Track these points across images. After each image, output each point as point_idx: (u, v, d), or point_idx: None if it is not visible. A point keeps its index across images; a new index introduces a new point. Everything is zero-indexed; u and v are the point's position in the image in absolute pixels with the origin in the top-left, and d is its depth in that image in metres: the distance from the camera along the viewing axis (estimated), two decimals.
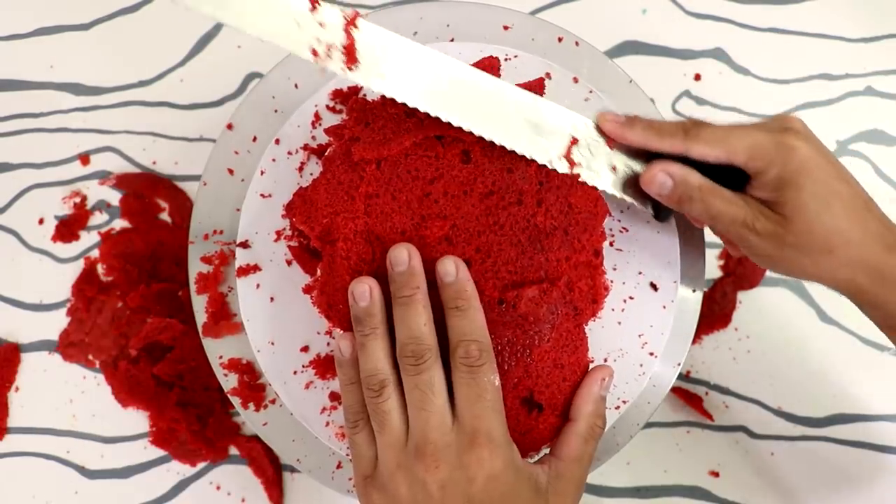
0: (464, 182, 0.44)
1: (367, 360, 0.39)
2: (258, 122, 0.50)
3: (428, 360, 0.38)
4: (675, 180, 0.42)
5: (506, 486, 0.37)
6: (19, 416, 0.57)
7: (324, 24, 0.39)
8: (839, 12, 0.63)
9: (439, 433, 0.36)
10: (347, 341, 0.41)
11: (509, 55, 0.51)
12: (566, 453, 0.40)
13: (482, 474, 0.36)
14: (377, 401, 0.38)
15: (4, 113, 0.61)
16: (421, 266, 0.40)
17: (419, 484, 0.36)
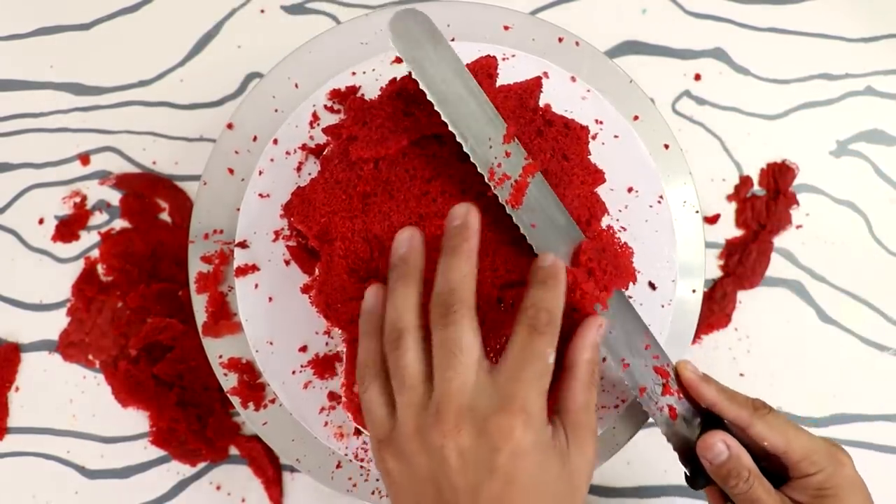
0: (461, 181, 0.44)
1: (393, 307, 0.36)
2: (258, 121, 0.50)
3: (457, 313, 0.34)
4: (731, 454, 0.42)
5: (534, 465, 0.33)
6: (19, 416, 0.57)
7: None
8: (839, 12, 0.63)
9: (464, 395, 0.33)
10: (376, 289, 0.38)
11: (507, 55, 0.51)
12: (572, 404, 0.37)
13: (508, 446, 0.33)
14: (396, 353, 0.35)
15: (4, 113, 0.61)
16: (478, 226, 0.37)
17: (437, 450, 0.33)
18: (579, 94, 0.51)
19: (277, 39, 0.61)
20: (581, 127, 0.47)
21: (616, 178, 0.49)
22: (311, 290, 0.45)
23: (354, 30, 0.51)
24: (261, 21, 0.62)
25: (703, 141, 0.61)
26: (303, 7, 0.62)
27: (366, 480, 0.48)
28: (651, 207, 0.50)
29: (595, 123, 0.50)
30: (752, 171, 0.61)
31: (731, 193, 0.61)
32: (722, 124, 0.61)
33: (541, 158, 0.45)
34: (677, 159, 0.51)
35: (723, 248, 0.60)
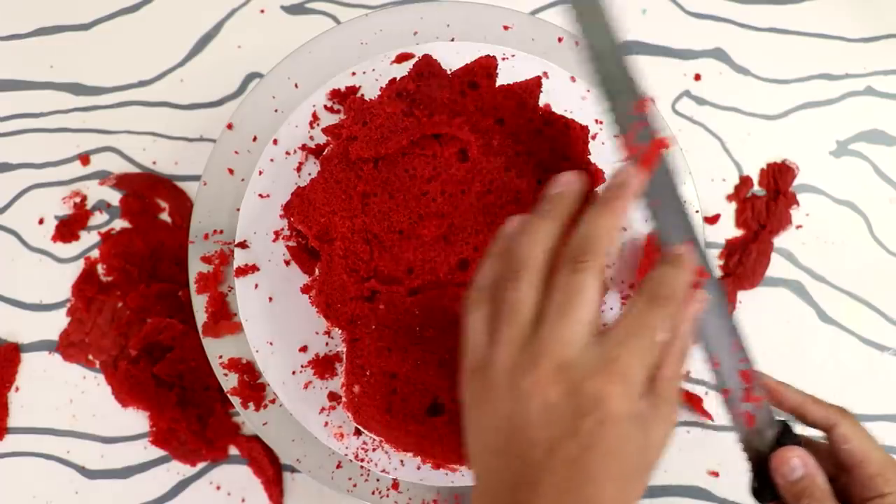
0: (461, 181, 0.44)
1: (526, 237, 0.34)
2: (258, 121, 0.50)
3: (590, 262, 0.33)
4: (806, 472, 0.39)
5: (617, 435, 0.31)
6: (19, 416, 0.57)
7: None
8: (839, 12, 0.63)
9: (568, 349, 0.32)
10: (522, 219, 0.36)
11: (507, 55, 0.51)
12: (663, 373, 0.34)
13: (598, 413, 0.31)
14: (514, 284, 0.33)
15: (4, 113, 0.61)
16: (636, 189, 0.36)
17: (524, 396, 0.32)
18: (579, 94, 0.51)
19: (277, 39, 0.61)
20: (581, 127, 0.47)
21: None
22: (311, 289, 0.45)
23: (354, 30, 0.51)
24: (261, 21, 0.62)
25: (703, 141, 0.61)
26: (303, 7, 0.62)
27: (366, 480, 0.48)
28: None
29: (595, 123, 0.50)
30: (752, 171, 0.61)
31: (731, 193, 0.60)
32: (722, 124, 0.61)
33: (540, 158, 0.45)
34: (677, 159, 0.51)
35: (723, 249, 0.60)
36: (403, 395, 0.42)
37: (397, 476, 0.47)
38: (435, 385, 0.42)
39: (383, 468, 0.47)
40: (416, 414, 0.42)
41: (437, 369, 0.42)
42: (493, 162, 0.44)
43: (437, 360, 0.42)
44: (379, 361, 0.42)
